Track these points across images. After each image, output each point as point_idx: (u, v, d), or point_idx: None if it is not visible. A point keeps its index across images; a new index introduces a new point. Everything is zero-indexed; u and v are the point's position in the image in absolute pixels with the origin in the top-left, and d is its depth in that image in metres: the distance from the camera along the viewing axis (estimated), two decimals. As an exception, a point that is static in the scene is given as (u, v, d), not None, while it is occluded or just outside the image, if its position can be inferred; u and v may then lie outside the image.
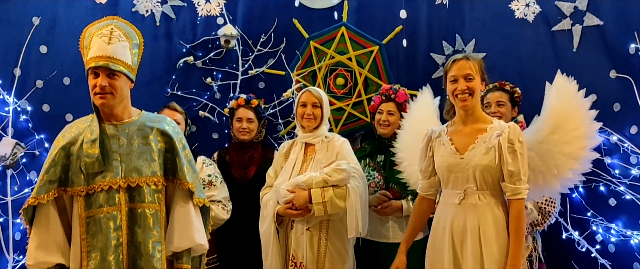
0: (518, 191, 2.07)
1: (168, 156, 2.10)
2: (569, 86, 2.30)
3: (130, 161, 2.02)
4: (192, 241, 2.09)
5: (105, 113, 2.06)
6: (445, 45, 3.39)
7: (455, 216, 2.17)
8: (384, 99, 2.95)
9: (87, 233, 1.96)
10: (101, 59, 1.98)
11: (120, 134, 2.04)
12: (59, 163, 1.98)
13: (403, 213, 2.78)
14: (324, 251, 2.55)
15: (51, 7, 3.32)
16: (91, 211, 1.97)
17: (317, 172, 2.53)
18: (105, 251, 1.94)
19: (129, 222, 2.00)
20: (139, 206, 2.01)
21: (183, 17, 3.50)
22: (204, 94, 3.48)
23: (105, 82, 1.98)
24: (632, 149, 2.94)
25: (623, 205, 2.96)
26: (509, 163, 2.07)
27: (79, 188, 1.97)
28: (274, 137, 3.47)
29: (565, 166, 2.22)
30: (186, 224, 2.10)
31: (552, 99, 2.30)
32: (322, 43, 3.33)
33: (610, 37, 3.05)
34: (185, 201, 2.11)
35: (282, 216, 2.58)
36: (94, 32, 2.04)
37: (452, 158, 2.18)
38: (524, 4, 3.25)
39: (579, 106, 2.26)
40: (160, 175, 2.07)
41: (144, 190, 2.02)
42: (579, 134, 2.22)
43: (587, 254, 3.05)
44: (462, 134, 2.21)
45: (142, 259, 1.99)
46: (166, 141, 2.10)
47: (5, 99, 3.22)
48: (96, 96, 2.00)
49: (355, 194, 2.49)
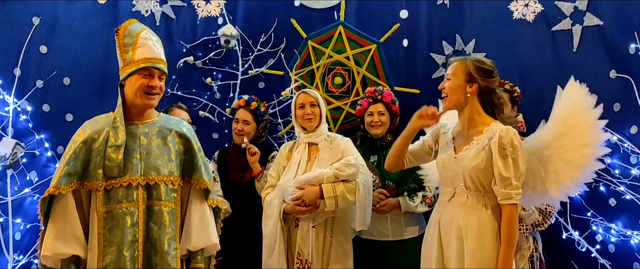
0: (509, 195, 2.05)
1: (185, 158, 2.15)
2: (580, 93, 2.23)
3: (149, 160, 2.05)
4: (209, 240, 2.14)
5: (135, 113, 2.10)
6: (445, 45, 3.38)
7: (444, 213, 2.20)
8: (371, 101, 2.98)
9: (104, 228, 1.98)
10: (158, 61, 2.07)
11: (141, 134, 2.08)
12: (79, 157, 1.99)
13: (401, 210, 2.81)
14: (329, 248, 2.61)
15: (51, 7, 3.32)
16: (109, 206, 2.00)
17: (326, 168, 2.59)
18: (121, 246, 1.97)
19: (146, 219, 2.03)
20: (157, 203, 2.05)
21: (183, 17, 3.50)
22: (204, 94, 3.48)
23: (158, 83, 2.07)
24: (632, 149, 2.93)
25: (623, 205, 2.96)
26: (499, 167, 2.05)
27: (97, 183, 1.99)
28: (273, 137, 3.47)
29: (565, 173, 2.16)
30: (203, 223, 2.14)
31: (562, 103, 2.25)
32: (320, 42, 3.33)
33: (610, 37, 3.05)
34: (201, 201, 2.16)
35: (287, 214, 2.61)
36: (138, 32, 2.07)
37: (448, 157, 2.21)
38: (523, 4, 3.24)
39: (589, 114, 2.18)
40: (178, 175, 2.11)
41: (161, 188, 2.05)
42: (584, 141, 2.16)
43: (587, 254, 3.05)
44: (462, 135, 2.22)
45: (157, 256, 2.02)
46: (184, 142, 2.16)
47: (5, 99, 3.22)
48: (146, 96, 2.05)
49: (364, 188, 2.58)
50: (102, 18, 3.40)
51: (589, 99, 2.19)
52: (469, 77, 2.15)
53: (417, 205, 2.80)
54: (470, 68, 2.15)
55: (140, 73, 2.03)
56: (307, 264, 2.58)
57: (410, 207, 2.79)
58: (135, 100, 2.06)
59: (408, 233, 2.84)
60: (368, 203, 2.62)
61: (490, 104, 2.19)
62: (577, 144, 2.16)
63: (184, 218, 2.15)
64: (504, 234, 2.06)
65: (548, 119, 2.26)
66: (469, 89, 2.15)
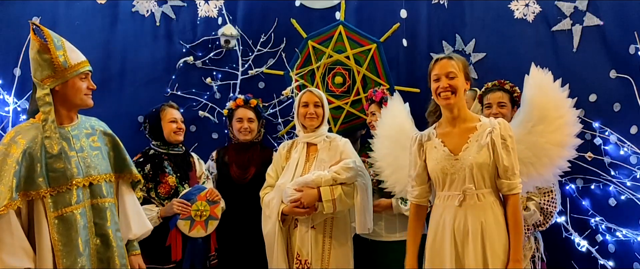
0: (513, 186, 2.10)
1: (113, 154, 2.31)
2: (545, 77, 2.35)
3: (87, 160, 2.16)
4: (146, 227, 2.38)
5: (63, 115, 2.16)
6: (445, 45, 3.39)
7: (456, 217, 2.15)
8: (369, 103, 3.03)
9: (57, 233, 2.02)
10: (88, 63, 2.20)
11: (73, 136, 2.16)
12: (22, 168, 1.99)
13: (393, 211, 2.82)
14: (329, 248, 2.62)
15: (51, 7, 3.32)
16: (59, 211, 2.04)
17: (325, 170, 2.59)
18: (78, 247, 2.04)
19: (93, 217, 2.15)
20: (100, 200, 2.18)
21: (183, 17, 3.51)
22: (203, 94, 3.48)
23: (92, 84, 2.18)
24: (632, 149, 2.93)
25: (623, 205, 2.95)
26: (503, 159, 2.09)
27: (43, 191, 2.02)
28: (273, 137, 3.47)
29: (556, 154, 2.26)
30: (139, 213, 2.37)
31: (531, 90, 2.34)
32: (320, 42, 3.33)
33: (610, 37, 3.05)
34: (130, 192, 2.37)
35: (285, 215, 2.61)
36: (61, 38, 2.16)
37: (447, 160, 2.16)
38: (524, 4, 3.24)
39: (559, 95, 2.31)
40: (111, 172, 2.27)
41: (103, 186, 2.19)
42: (564, 121, 2.27)
43: (587, 254, 3.05)
44: (453, 135, 2.20)
45: (110, 250, 2.17)
46: (110, 139, 2.31)
47: (5, 99, 3.22)
48: (87, 97, 2.17)
49: (363, 191, 2.58)
50: (102, 18, 3.40)
51: (552, 81, 2.33)
52: (466, 76, 2.20)
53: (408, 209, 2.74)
54: (466, 66, 2.22)
55: (79, 76, 2.14)
56: (306, 265, 2.59)
57: (402, 210, 2.79)
58: (78, 101, 2.15)
59: (401, 235, 2.82)
60: (368, 206, 2.61)
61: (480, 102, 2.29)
62: (558, 125, 2.28)
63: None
64: (511, 224, 2.10)
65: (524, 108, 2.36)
66: (466, 87, 2.21)
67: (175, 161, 2.88)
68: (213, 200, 2.80)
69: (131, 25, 3.44)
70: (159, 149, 2.89)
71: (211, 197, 2.79)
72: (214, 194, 2.80)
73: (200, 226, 2.76)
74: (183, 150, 2.96)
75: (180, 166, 2.88)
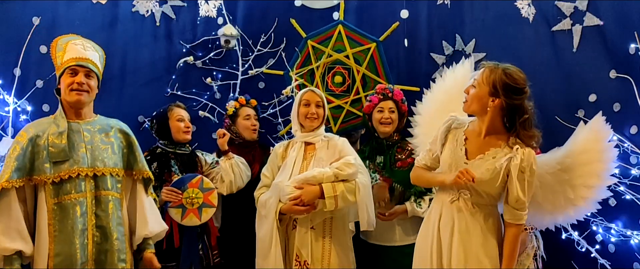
0: (520, 216, 2.08)
1: (127, 151, 2.34)
2: (604, 133, 2.28)
3: (95, 152, 2.21)
4: (162, 224, 2.41)
5: (72, 112, 2.23)
6: (446, 45, 3.38)
7: (445, 214, 2.17)
8: (381, 97, 2.97)
9: (54, 219, 2.09)
10: (81, 59, 2.23)
11: (84, 130, 2.23)
12: (27, 153, 2.10)
13: (408, 214, 2.79)
14: (329, 248, 2.60)
15: (51, 7, 3.31)
16: (59, 198, 2.10)
17: (325, 167, 2.58)
18: (72, 235, 2.08)
19: (94, 208, 2.18)
20: (104, 193, 2.21)
21: (183, 17, 3.50)
22: (204, 94, 3.48)
23: (83, 79, 2.18)
24: (632, 149, 2.93)
25: (623, 205, 2.95)
26: (517, 189, 2.03)
27: (45, 176, 2.10)
28: (274, 137, 3.47)
29: (587, 196, 2.28)
30: (154, 210, 2.40)
31: (580, 137, 2.29)
32: (319, 42, 3.33)
33: (610, 37, 3.04)
34: (145, 191, 2.39)
35: (283, 214, 2.59)
36: (68, 41, 2.25)
37: (458, 160, 2.15)
38: (524, 3, 3.24)
39: (603, 157, 2.25)
40: (121, 167, 2.29)
41: (108, 179, 2.22)
42: (599, 171, 2.25)
43: (587, 254, 3.04)
44: (477, 141, 2.15)
45: (107, 242, 2.18)
46: (125, 137, 2.35)
47: (5, 99, 3.22)
48: (73, 92, 2.18)
49: (364, 188, 2.57)
50: (102, 18, 3.39)
51: (608, 133, 2.28)
52: (493, 91, 2.05)
53: (425, 211, 2.72)
54: (497, 82, 2.03)
55: (67, 72, 2.20)
56: (305, 266, 2.57)
57: (418, 213, 2.75)
58: (66, 98, 2.21)
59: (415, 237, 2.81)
60: (369, 202, 2.60)
61: (510, 121, 2.08)
62: (580, 185, 2.25)
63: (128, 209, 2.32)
64: (506, 253, 2.09)
65: (564, 142, 2.35)
66: (491, 103, 2.06)
67: (182, 160, 2.89)
68: (206, 187, 2.77)
69: (131, 25, 3.44)
70: (166, 148, 2.90)
71: (204, 184, 2.76)
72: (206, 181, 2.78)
73: (193, 214, 2.71)
74: (189, 150, 2.97)
75: (186, 165, 2.89)
